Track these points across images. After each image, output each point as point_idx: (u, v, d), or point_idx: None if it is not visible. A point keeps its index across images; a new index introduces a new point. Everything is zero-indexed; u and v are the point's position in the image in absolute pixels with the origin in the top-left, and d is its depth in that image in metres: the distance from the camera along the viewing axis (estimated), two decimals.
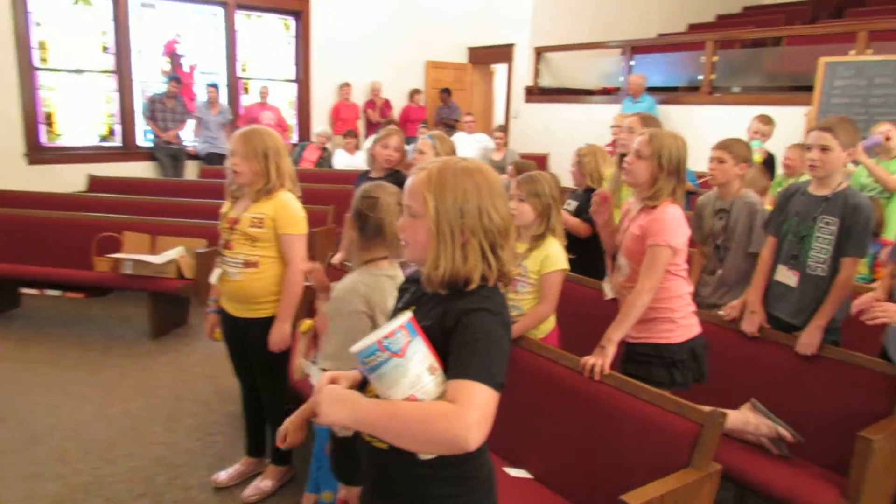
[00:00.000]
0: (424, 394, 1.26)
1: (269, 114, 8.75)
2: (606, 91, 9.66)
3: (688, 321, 2.45)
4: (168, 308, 4.97)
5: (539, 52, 10.16)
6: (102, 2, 7.97)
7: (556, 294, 2.67)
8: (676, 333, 2.42)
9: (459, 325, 1.29)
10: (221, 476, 3.00)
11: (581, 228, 3.56)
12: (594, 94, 9.90)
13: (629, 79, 8.34)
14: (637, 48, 9.37)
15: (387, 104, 10.01)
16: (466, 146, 7.39)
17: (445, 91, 10.32)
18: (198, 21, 8.87)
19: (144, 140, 8.41)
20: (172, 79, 8.19)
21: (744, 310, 2.84)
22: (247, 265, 2.65)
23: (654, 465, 2.02)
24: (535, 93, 10.27)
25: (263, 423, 3.06)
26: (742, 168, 2.93)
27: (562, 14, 10.16)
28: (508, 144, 7.95)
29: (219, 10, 8.93)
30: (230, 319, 2.80)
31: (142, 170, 8.18)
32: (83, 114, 8.09)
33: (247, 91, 9.42)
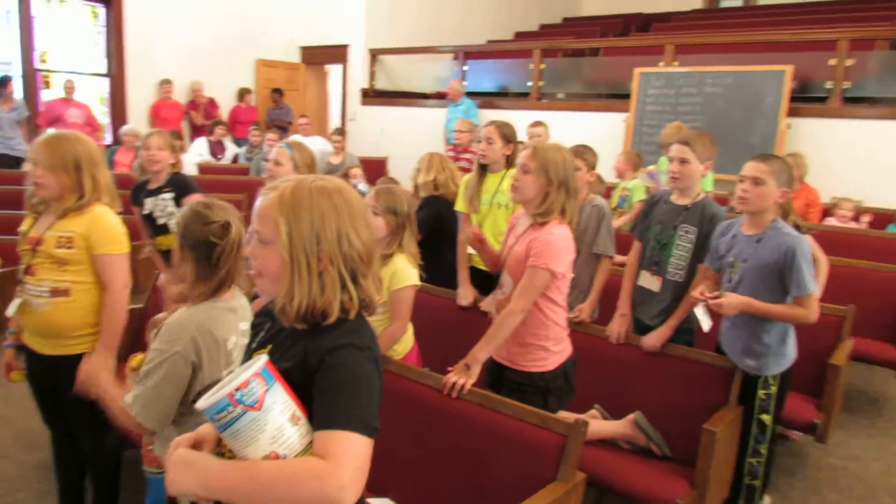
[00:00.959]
0: (288, 449, 1.09)
1: (76, 111, 7.78)
2: (441, 95, 9.77)
3: (560, 346, 2.36)
4: None
5: (374, 55, 10.06)
6: None
7: (408, 311, 2.56)
8: (551, 361, 2.33)
9: (324, 366, 1.14)
10: None
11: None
12: (429, 98, 9.98)
13: (449, 83, 8.46)
14: (470, 53, 9.58)
15: (212, 104, 9.35)
16: None
17: (277, 91, 9.88)
18: None
19: None
20: None
21: (591, 311, 2.94)
22: (55, 293, 2.24)
23: (522, 481, 1.98)
24: (371, 95, 10.16)
25: (81, 478, 2.60)
26: (592, 175, 3.03)
27: (395, 17, 10.14)
28: (346, 148, 7.75)
29: None
30: (35, 357, 2.35)
31: None
32: None
33: (48, 85, 8.37)
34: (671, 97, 7.32)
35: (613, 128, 7.67)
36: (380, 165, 8.39)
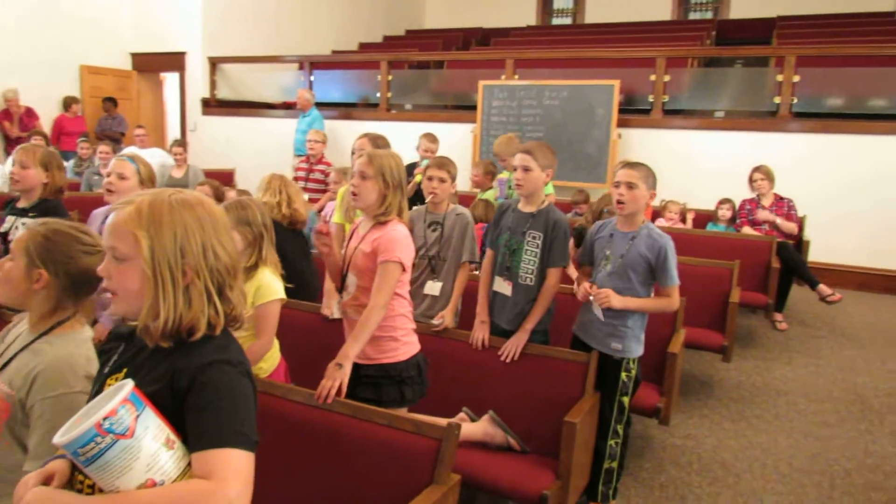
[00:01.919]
0: (164, 475, 1.04)
1: None
2: (288, 105, 9.58)
3: (410, 338, 2.50)
4: None
5: (214, 63, 9.65)
6: None
7: (274, 326, 2.51)
8: (402, 351, 2.45)
9: (196, 385, 1.11)
10: None
11: None
12: (276, 108, 9.75)
13: (298, 93, 8.34)
14: (316, 64, 9.47)
15: (29, 113, 8.46)
16: None
17: (110, 100, 9.16)
18: None
19: None
20: None
21: (453, 316, 3.02)
22: None
23: (400, 488, 1.98)
24: (213, 105, 9.74)
25: None
26: (453, 186, 3.14)
27: (235, 24, 9.79)
28: (189, 160, 7.36)
29: None
30: None
31: None
32: None
33: None
34: (514, 109, 7.69)
35: (462, 138, 7.92)
36: (227, 177, 8.04)
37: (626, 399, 2.77)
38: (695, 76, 7.87)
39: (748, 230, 5.44)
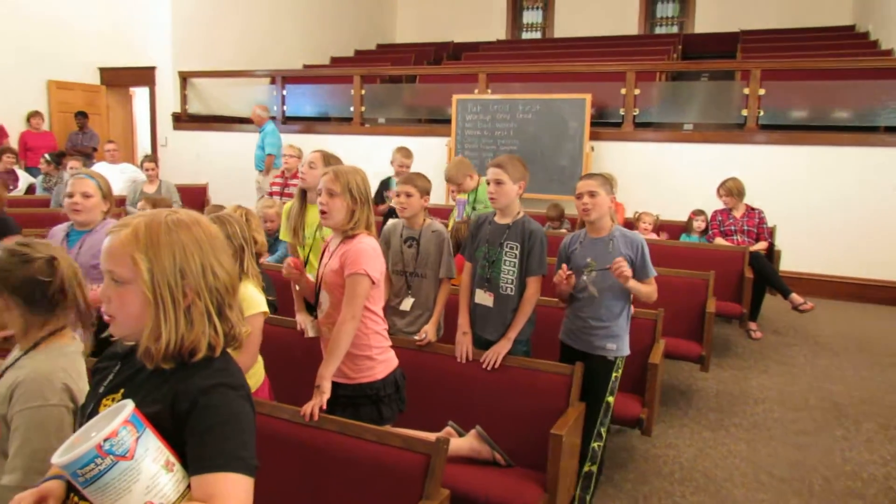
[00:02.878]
0: (163, 497, 1.04)
1: None
2: None
3: (385, 356, 2.49)
4: None
5: (184, 77, 9.56)
6: None
7: (257, 341, 2.47)
8: (378, 370, 2.44)
9: (198, 408, 1.10)
10: None
11: None
12: (248, 122, 9.68)
13: (252, 109, 8.21)
14: (288, 78, 9.44)
15: None
16: (113, 179, 6.51)
17: (82, 115, 8.96)
18: None
19: None
20: None
21: (436, 331, 3.02)
22: None
23: None
24: (184, 119, 9.64)
25: None
26: (426, 200, 3.12)
27: (205, 39, 9.73)
28: (160, 175, 7.25)
29: None
30: None
31: None
32: None
33: None
34: (488, 122, 7.75)
35: (436, 152, 7.95)
36: (200, 192, 7.96)
37: (612, 398, 2.85)
38: (664, 90, 8.03)
39: (721, 241, 5.54)
